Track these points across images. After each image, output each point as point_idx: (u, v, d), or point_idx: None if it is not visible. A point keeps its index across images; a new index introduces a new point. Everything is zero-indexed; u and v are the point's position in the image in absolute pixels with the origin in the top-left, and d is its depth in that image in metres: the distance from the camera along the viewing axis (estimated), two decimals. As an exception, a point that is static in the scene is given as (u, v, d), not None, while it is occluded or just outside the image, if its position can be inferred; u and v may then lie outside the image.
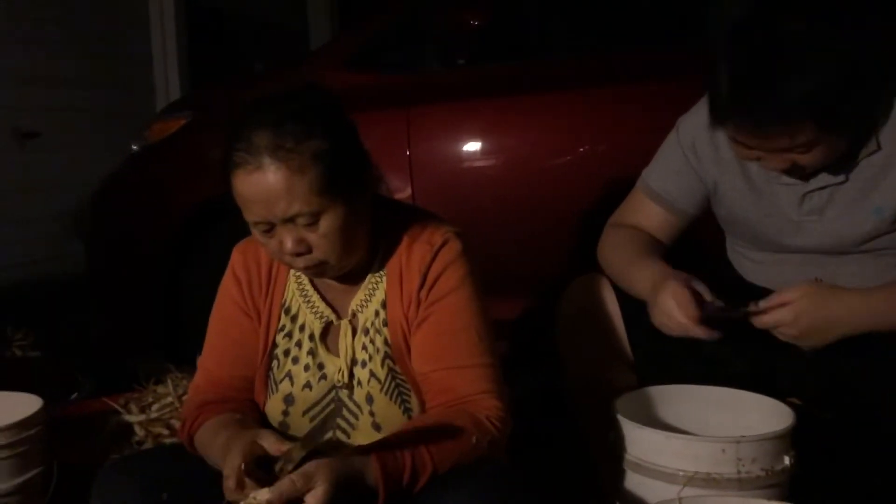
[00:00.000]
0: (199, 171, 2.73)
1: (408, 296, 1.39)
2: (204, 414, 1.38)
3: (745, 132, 1.45)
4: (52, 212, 3.87)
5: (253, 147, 1.24)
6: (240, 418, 1.37)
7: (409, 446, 1.24)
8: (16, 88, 3.69)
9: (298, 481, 1.13)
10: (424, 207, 1.55)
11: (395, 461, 1.22)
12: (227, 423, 1.34)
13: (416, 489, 1.23)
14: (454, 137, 2.63)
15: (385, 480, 1.19)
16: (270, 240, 1.31)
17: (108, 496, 1.30)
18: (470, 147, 2.62)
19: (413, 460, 1.23)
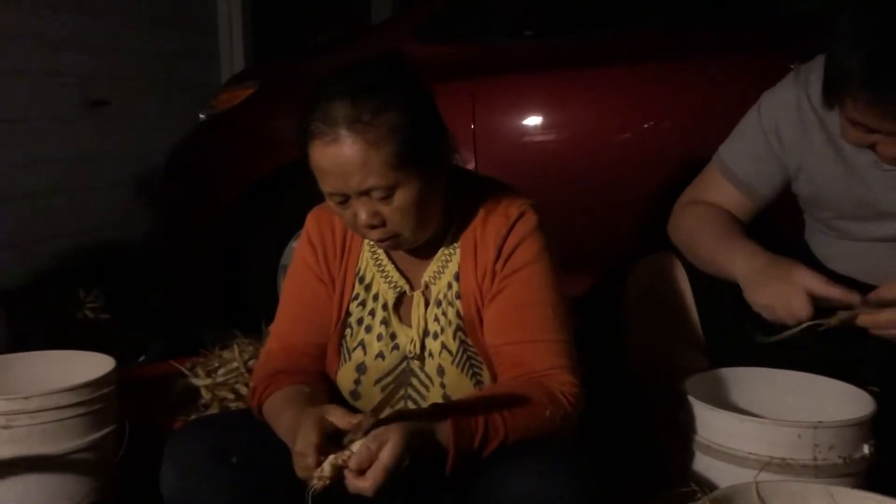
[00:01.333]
0: (266, 139, 2.76)
1: (482, 268, 1.37)
2: (274, 384, 1.39)
3: (874, 111, 1.36)
4: (120, 179, 3.95)
5: (330, 118, 1.23)
6: (308, 392, 1.36)
7: (482, 410, 1.23)
8: (86, 57, 3.75)
9: (372, 445, 1.13)
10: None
11: (467, 422, 1.21)
12: (294, 398, 1.33)
13: (485, 453, 1.22)
14: (519, 111, 2.59)
15: (457, 440, 1.19)
16: (345, 211, 1.30)
17: (181, 456, 1.32)
18: (535, 121, 2.58)
19: (486, 424, 1.22)
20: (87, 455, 1.60)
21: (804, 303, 1.45)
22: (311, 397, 1.34)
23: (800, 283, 1.46)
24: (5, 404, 1.51)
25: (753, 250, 1.56)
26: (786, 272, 1.49)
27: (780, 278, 1.48)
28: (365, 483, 1.12)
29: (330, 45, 3.16)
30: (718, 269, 1.62)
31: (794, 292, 1.46)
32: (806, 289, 1.45)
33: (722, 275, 1.61)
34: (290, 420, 1.26)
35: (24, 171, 3.42)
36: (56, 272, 3.41)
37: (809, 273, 1.47)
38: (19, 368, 1.77)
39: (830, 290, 1.45)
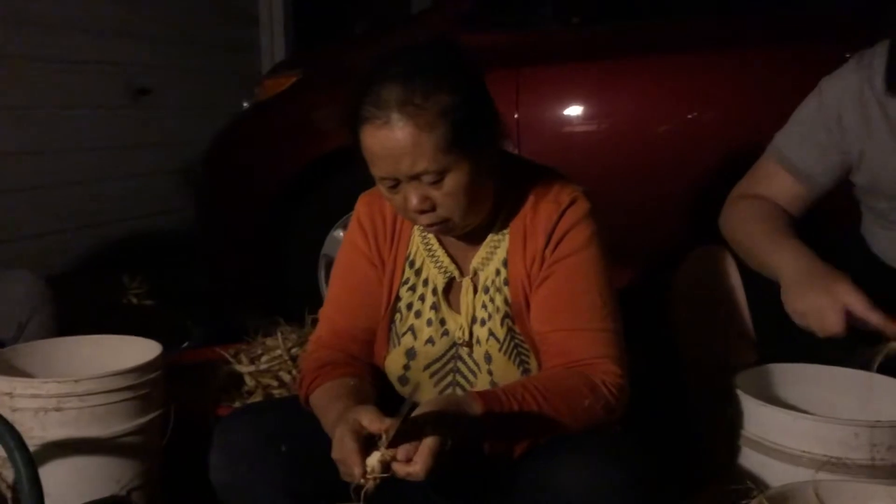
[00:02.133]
0: (308, 128, 2.76)
1: (531, 255, 1.35)
2: (322, 376, 1.38)
3: None
4: (162, 167, 3.99)
5: (381, 101, 1.22)
6: (352, 385, 1.35)
7: (516, 396, 1.22)
8: (130, 46, 3.79)
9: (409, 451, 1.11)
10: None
11: (500, 407, 1.20)
12: (339, 395, 1.32)
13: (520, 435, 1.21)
14: (564, 100, 2.56)
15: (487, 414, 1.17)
16: (396, 195, 1.29)
17: (230, 443, 1.32)
18: (580, 110, 2.55)
19: (520, 408, 1.20)
20: (134, 439, 1.61)
21: (838, 319, 1.42)
22: (356, 391, 1.33)
23: (840, 298, 1.42)
24: (56, 387, 1.53)
25: (800, 252, 1.53)
26: (829, 284, 1.45)
27: (822, 288, 1.45)
28: (416, 467, 1.10)
29: (372, 33, 3.15)
30: (764, 267, 1.59)
31: (831, 306, 1.42)
32: (845, 306, 1.41)
33: (767, 273, 1.58)
34: (335, 416, 1.25)
35: (70, 158, 3.47)
36: (101, 258, 3.46)
37: (852, 290, 1.43)
38: (69, 352, 1.78)
39: (869, 313, 1.41)
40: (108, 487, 1.59)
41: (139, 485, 1.63)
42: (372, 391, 1.37)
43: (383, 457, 1.12)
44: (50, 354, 1.77)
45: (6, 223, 3.03)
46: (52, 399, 1.53)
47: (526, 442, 1.22)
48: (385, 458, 1.12)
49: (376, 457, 1.12)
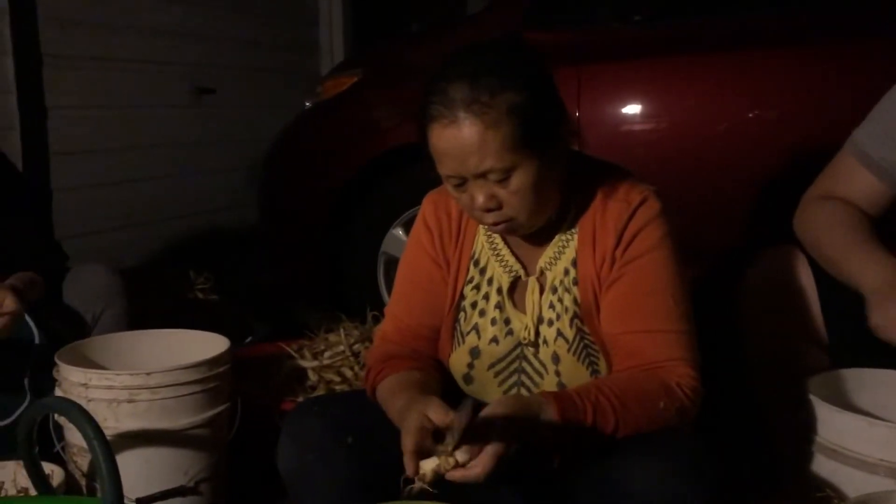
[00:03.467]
0: (369, 127, 2.78)
1: (601, 254, 1.34)
2: (387, 369, 1.39)
3: None
4: (225, 165, 4.06)
5: (448, 100, 1.22)
6: (418, 377, 1.36)
7: (590, 397, 1.21)
8: (194, 46, 3.87)
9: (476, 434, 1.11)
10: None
11: (575, 410, 1.19)
12: (405, 386, 1.33)
13: (594, 442, 1.20)
14: (626, 98, 2.53)
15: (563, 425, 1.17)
16: (462, 194, 1.29)
17: (299, 434, 1.34)
18: (642, 109, 2.52)
19: (595, 413, 1.19)
20: (202, 431, 1.64)
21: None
22: (421, 383, 1.34)
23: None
24: (129, 379, 1.56)
25: (885, 264, 1.48)
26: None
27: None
28: (475, 470, 1.12)
29: (431, 32, 3.16)
30: (844, 275, 1.54)
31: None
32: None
33: (847, 281, 1.53)
34: (401, 407, 1.26)
35: (136, 155, 3.56)
36: (166, 254, 3.54)
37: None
38: (140, 345, 1.83)
39: None
40: (177, 478, 1.63)
41: (206, 477, 1.66)
42: (436, 384, 1.38)
43: (440, 466, 1.12)
44: (122, 347, 1.81)
45: (75, 219, 3.12)
46: (124, 391, 1.56)
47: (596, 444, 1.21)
48: (441, 468, 1.12)
49: (432, 464, 1.13)
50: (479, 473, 1.11)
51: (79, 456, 1.62)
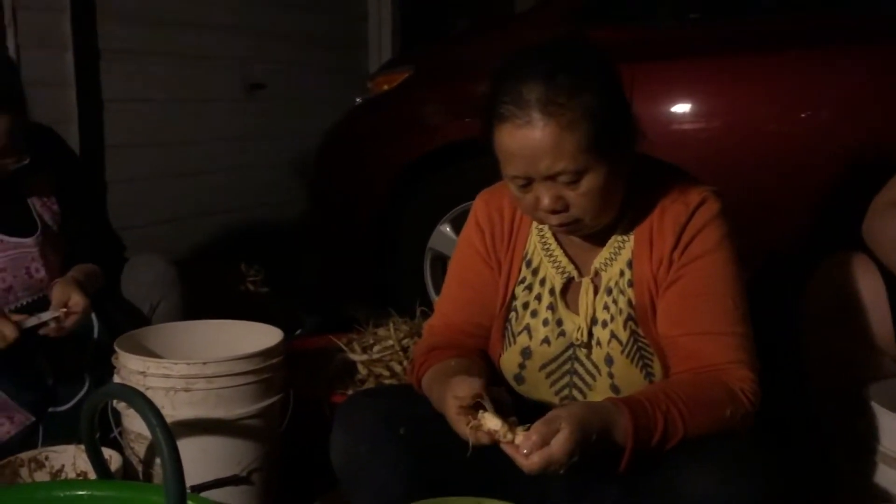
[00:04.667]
0: (419, 124, 2.79)
1: (658, 256, 1.33)
2: (430, 359, 1.40)
3: None
4: (274, 159, 4.11)
5: (522, 100, 1.20)
6: (454, 364, 1.36)
7: (660, 406, 1.20)
8: (246, 41, 3.92)
9: (544, 429, 1.12)
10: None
11: (647, 419, 1.18)
12: (446, 372, 1.34)
13: (662, 451, 1.19)
14: (681, 98, 2.49)
15: (635, 438, 1.16)
16: (526, 195, 1.28)
17: (352, 425, 1.35)
18: (697, 108, 2.48)
19: (665, 422, 1.19)
20: (255, 422, 1.66)
21: None
22: (461, 369, 1.34)
23: None
24: (186, 368, 1.59)
25: None
26: None
27: None
28: (528, 462, 1.12)
29: (485, 29, 3.15)
30: None
31: None
32: None
33: None
34: (439, 393, 1.28)
35: (188, 149, 3.62)
36: (217, 246, 3.60)
37: None
38: (195, 335, 1.86)
39: None
40: (230, 468, 1.65)
41: (258, 467, 1.69)
42: (479, 369, 1.37)
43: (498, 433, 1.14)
44: (177, 337, 1.85)
45: (128, 212, 3.18)
46: (181, 380, 1.59)
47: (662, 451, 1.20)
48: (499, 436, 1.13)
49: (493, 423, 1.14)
50: (529, 466, 1.12)
51: (136, 442, 1.65)
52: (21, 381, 1.77)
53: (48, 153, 1.82)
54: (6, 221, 1.75)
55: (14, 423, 1.75)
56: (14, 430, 1.75)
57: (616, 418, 1.17)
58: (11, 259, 1.75)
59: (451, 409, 1.19)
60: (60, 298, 1.70)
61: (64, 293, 1.70)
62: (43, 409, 1.80)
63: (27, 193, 1.81)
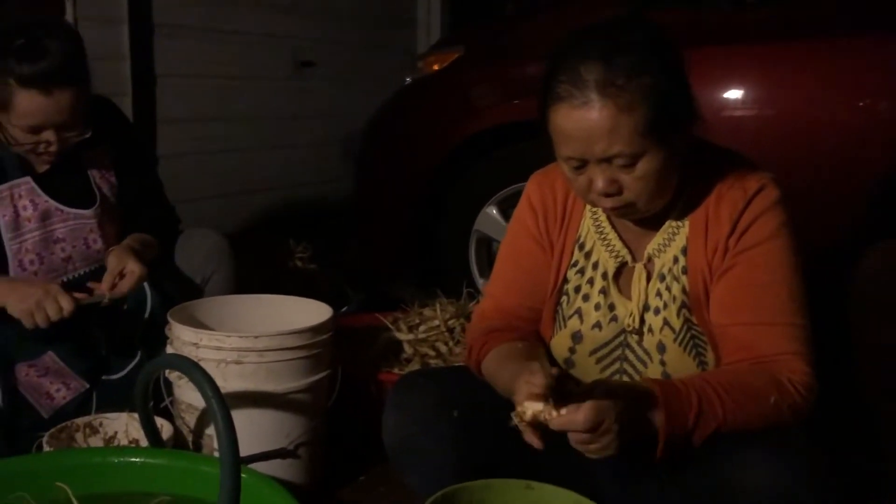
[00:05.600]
0: (468, 104, 2.77)
1: (713, 243, 1.31)
2: (491, 342, 1.40)
3: None
4: (323, 137, 4.13)
5: (580, 81, 1.19)
6: (522, 347, 1.37)
7: (697, 390, 1.18)
8: (296, 20, 3.93)
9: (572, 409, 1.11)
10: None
11: (677, 395, 1.17)
12: (512, 355, 1.34)
13: (699, 436, 1.18)
14: (738, 82, 2.44)
15: (667, 416, 1.15)
16: (579, 177, 1.26)
17: (406, 405, 1.37)
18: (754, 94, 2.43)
19: (700, 404, 1.17)
20: (304, 396, 1.68)
21: None
22: (526, 353, 1.34)
23: None
24: (238, 341, 1.61)
25: None
26: None
27: None
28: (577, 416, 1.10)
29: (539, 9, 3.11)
30: None
31: None
32: None
33: None
34: (509, 377, 1.26)
35: (239, 126, 3.65)
36: (266, 222, 3.63)
37: None
38: (246, 309, 1.88)
39: None
40: (278, 441, 1.67)
41: (305, 441, 1.71)
42: (542, 355, 1.38)
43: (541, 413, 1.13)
44: (228, 310, 1.87)
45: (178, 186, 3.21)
46: (233, 352, 1.61)
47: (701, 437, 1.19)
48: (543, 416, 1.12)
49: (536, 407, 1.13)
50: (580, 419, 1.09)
51: (186, 412, 1.68)
52: (76, 350, 1.82)
53: (107, 126, 1.85)
54: (66, 193, 1.79)
55: (70, 389, 1.80)
56: (70, 397, 1.80)
57: (645, 392, 1.16)
58: (71, 230, 1.79)
59: (521, 394, 1.16)
60: (116, 266, 1.73)
61: (120, 261, 1.73)
62: (96, 377, 1.84)
63: (87, 165, 1.84)
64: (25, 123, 1.63)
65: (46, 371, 1.78)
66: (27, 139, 1.66)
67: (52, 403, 1.77)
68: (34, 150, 1.69)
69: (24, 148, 1.68)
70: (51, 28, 1.65)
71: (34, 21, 1.65)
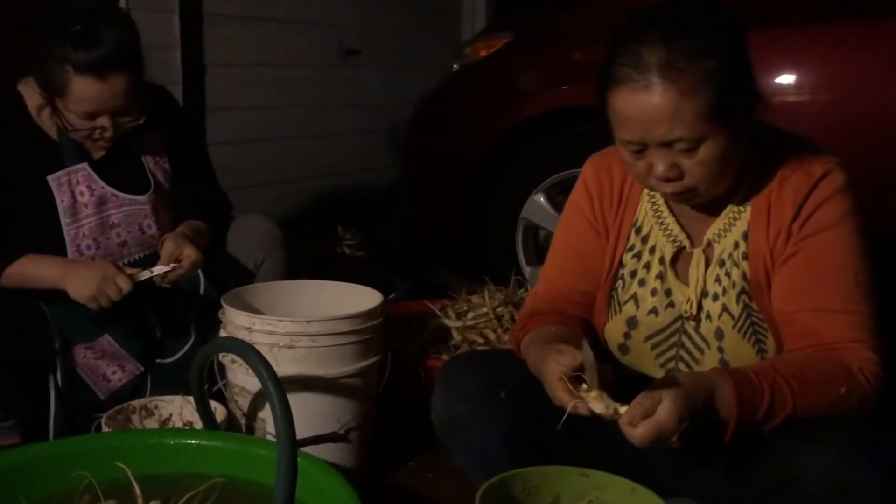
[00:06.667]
0: (516, 91, 2.75)
1: (776, 228, 1.28)
2: (531, 324, 1.40)
3: None
4: (370, 125, 4.14)
5: (641, 63, 1.17)
6: (553, 330, 1.36)
7: (767, 379, 1.16)
8: (342, 8, 3.94)
9: (646, 401, 1.11)
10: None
11: (752, 389, 1.15)
12: (541, 338, 1.34)
13: (769, 425, 1.16)
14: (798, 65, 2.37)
15: (739, 407, 1.13)
16: (638, 161, 1.24)
17: (454, 386, 1.37)
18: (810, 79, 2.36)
19: (772, 393, 1.15)
20: (354, 381, 1.69)
21: None
22: (560, 336, 1.33)
23: None
24: (290, 326, 1.62)
25: None
26: None
27: None
28: (635, 431, 1.10)
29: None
30: None
31: None
32: None
33: None
34: (534, 359, 1.28)
35: (284, 113, 3.68)
36: (309, 210, 3.66)
37: None
38: (297, 294, 1.89)
39: None
40: (329, 425, 1.68)
41: (356, 426, 1.71)
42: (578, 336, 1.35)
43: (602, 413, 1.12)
44: (280, 295, 1.88)
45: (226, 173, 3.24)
46: (285, 336, 1.62)
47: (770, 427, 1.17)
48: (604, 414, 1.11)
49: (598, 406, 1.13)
50: (637, 436, 1.10)
51: (240, 396, 1.70)
52: (131, 333, 1.85)
53: (161, 113, 1.87)
54: (121, 179, 1.81)
55: (125, 371, 1.83)
56: (125, 379, 1.83)
57: (720, 386, 1.14)
58: (126, 215, 1.82)
59: (552, 373, 1.18)
60: (172, 252, 1.75)
61: (176, 247, 1.76)
62: (151, 360, 1.87)
63: (141, 151, 1.86)
64: (81, 109, 1.66)
65: (103, 353, 1.81)
66: (83, 125, 1.69)
67: (109, 385, 1.81)
68: (90, 136, 1.72)
69: (80, 134, 1.71)
70: (107, 16, 1.67)
71: (91, 9, 1.67)
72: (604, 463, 1.27)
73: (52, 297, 1.73)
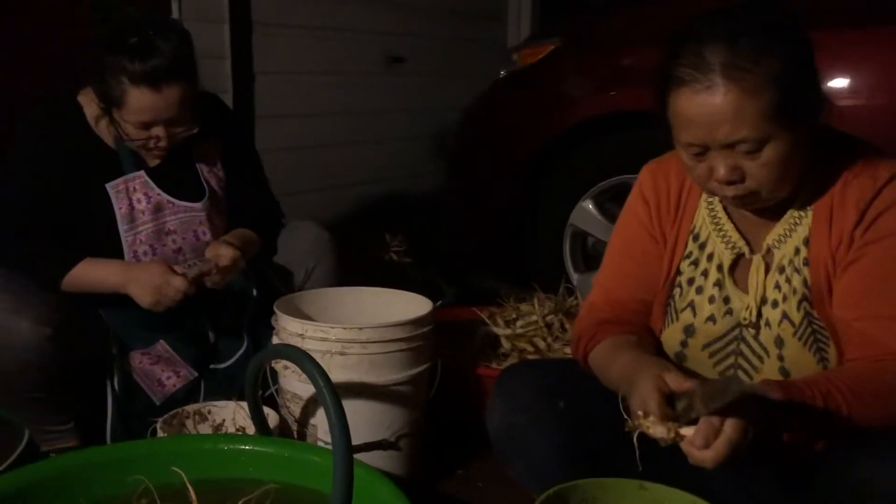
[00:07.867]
0: (564, 96, 2.73)
1: (838, 234, 1.24)
2: (601, 333, 1.37)
3: None
4: (415, 132, 4.15)
5: (704, 64, 1.14)
6: (636, 341, 1.33)
7: (820, 388, 1.13)
8: (387, 15, 3.96)
9: (715, 420, 1.08)
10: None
11: (801, 397, 1.12)
12: (625, 346, 1.31)
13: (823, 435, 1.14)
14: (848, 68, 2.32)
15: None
16: (699, 164, 1.22)
17: (512, 394, 1.36)
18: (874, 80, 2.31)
19: (825, 402, 1.12)
20: (405, 388, 1.69)
21: None
22: (640, 345, 1.31)
23: None
24: (342, 332, 1.63)
25: None
26: None
27: None
28: (707, 454, 1.08)
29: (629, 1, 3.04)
30: None
31: None
32: None
33: None
34: (623, 367, 1.24)
35: (333, 121, 3.71)
36: (356, 217, 3.68)
37: None
38: (347, 301, 1.90)
39: None
40: (379, 432, 1.68)
41: (406, 433, 1.71)
42: (653, 348, 1.35)
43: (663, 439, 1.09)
44: (330, 302, 1.89)
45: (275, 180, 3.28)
46: (337, 343, 1.63)
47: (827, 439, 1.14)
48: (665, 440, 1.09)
49: (660, 432, 1.10)
50: (709, 458, 1.07)
51: (292, 402, 1.71)
52: (186, 339, 1.87)
53: (215, 121, 1.89)
54: (177, 186, 1.84)
55: (180, 377, 1.85)
56: (180, 384, 1.85)
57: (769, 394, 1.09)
58: (182, 222, 1.84)
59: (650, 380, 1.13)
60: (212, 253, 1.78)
61: (213, 248, 1.78)
62: (205, 366, 1.89)
63: (196, 160, 1.89)
64: (137, 119, 1.68)
65: (158, 359, 1.84)
66: (139, 135, 1.71)
67: (164, 390, 1.83)
68: (145, 146, 1.74)
69: (136, 143, 1.74)
70: (163, 27, 1.69)
71: (148, 21, 1.69)
72: (661, 475, 1.25)
73: (109, 302, 1.76)
